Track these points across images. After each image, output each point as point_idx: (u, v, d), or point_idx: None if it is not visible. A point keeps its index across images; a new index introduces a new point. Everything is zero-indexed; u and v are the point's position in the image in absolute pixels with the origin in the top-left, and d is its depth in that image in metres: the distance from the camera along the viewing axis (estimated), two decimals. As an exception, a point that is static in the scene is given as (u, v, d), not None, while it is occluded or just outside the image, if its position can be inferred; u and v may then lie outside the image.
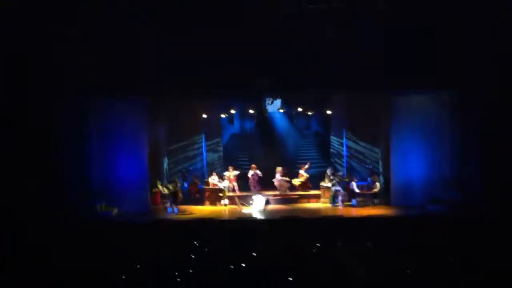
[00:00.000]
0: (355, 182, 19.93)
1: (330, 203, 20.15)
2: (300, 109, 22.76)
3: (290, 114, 23.78)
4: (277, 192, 21.31)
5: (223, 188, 20.48)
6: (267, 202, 19.75)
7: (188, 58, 17.19)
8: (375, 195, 19.56)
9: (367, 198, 19.90)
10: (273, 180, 21.55)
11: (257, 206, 19.42)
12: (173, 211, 19.19)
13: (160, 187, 19.91)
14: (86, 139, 18.82)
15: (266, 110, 22.89)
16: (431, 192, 19.24)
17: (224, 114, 23.27)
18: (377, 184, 19.52)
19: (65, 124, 18.06)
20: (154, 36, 17.05)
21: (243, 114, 23.72)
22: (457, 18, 16.46)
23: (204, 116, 22.87)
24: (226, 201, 20.33)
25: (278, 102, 22.58)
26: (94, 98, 18.55)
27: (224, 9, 16.30)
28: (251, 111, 22.69)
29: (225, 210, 19.80)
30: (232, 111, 22.99)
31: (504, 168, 16.26)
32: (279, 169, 21.64)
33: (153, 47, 17.13)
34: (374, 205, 19.39)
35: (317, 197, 20.97)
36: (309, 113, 23.21)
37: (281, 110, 22.97)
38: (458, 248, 13.50)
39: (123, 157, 19.43)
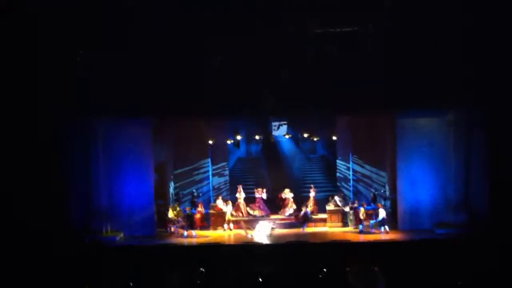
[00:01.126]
0: (364, 207, 19.66)
1: (353, 225, 19.83)
2: (306, 135, 22.76)
3: (296, 139, 23.78)
4: (283, 216, 21.12)
5: (226, 211, 20.26)
6: (271, 228, 19.57)
7: (196, 82, 17.37)
8: (382, 223, 18.99)
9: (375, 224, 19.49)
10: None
11: (262, 232, 19.28)
12: (191, 235, 19.05)
13: (172, 211, 19.85)
14: (92, 162, 18.93)
15: (272, 135, 22.97)
16: (438, 216, 19.08)
17: (230, 141, 23.30)
18: (381, 211, 19.03)
19: (72, 146, 18.21)
20: (161, 60, 17.23)
21: (249, 139, 23.74)
22: (463, 39, 16.55)
23: (210, 142, 22.93)
24: (231, 225, 20.17)
25: (284, 128, 22.61)
26: (101, 121, 18.72)
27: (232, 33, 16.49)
28: (257, 137, 22.73)
29: (230, 235, 19.63)
30: (238, 137, 23.03)
31: (510, 191, 16.15)
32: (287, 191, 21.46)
33: (161, 70, 17.28)
34: (385, 232, 18.93)
35: (323, 221, 20.78)
36: (315, 139, 23.20)
37: (287, 136, 22.99)
38: (466, 271, 13.38)
39: (129, 180, 19.48)
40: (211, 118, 21.59)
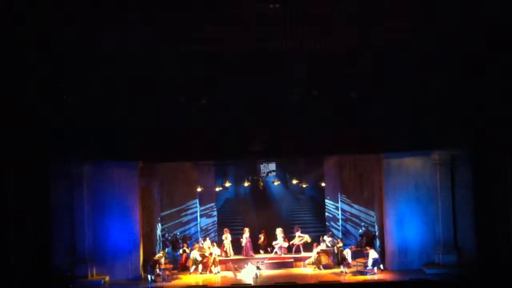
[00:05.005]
0: (352, 250, 19.48)
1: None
2: (294, 182, 22.88)
3: (285, 182, 23.84)
4: (271, 255, 20.91)
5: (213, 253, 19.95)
6: (258, 268, 19.32)
7: (181, 126, 17.44)
8: (375, 264, 18.65)
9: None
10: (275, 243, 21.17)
11: (248, 274, 19.03)
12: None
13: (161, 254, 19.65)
14: (76, 206, 18.77)
15: (261, 182, 23.14)
16: (427, 256, 18.98)
17: (218, 188, 23.30)
18: (371, 252, 18.75)
19: (56, 189, 18.06)
20: (147, 106, 17.28)
21: (237, 182, 23.73)
22: (447, 80, 16.77)
23: (199, 190, 22.87)
24: (219, 267, 19.87)
25: (272, 175, 22.98)
26: (85, 164, 18.64)
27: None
28: (246, 184, 22.80)
29: (217, 278, 19.33)
30: (227, 185, 23.08)
31: (497, 230, 16.14)
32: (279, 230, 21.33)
33: (146, 116, 17.32)
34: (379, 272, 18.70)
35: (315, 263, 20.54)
36: (304, 185, 23.28)
37: (276, 183, 23.17)
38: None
39: (114, 223, 19.27)
40: (197, 161, 21.79)
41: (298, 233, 21.21)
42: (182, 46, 15.08)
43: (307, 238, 20.99)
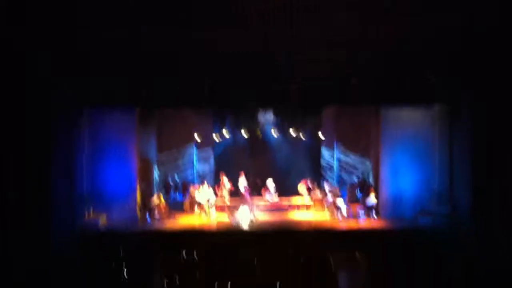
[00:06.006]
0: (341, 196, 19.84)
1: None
2: (292, 132, 22.92)
3: (282, 130, 23.86)
4: (267, 201, 21.22)
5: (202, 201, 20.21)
6: (252, 213, 19.61)
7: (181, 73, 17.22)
8: (371, 209, 19.18)
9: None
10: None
11: (242, 218, 19.32)
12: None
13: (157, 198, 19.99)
14: (75, 146, 18.80)
15: (260, 132, 23.19)
16: (421, 205, 19.24)
17: (216, 136, 23.30)
18: (372, 196, 19.11)
19: (55, 131, 18.00)
20: (146, 48, 16.98)
21: (235, 129, 23.73)
22: (447, 29, 16.52)
23: (197, 137, 22.93)
24: (214, 211, 20.17)
25: (269, 126, 23.04)
26: (84, 108, 18.57)
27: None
28: (243, 133, 22.86)
29: (213, 221, 19.63)
30: (225, 133, 23.08)
31: (493, 182, 16.30)
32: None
33: (146, 59, 17.04)
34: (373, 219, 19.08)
35: (307, 207, 20.90)
36: (302, 135, 23.30)
37: (274, 133, 23.21)
38: (447, 260, 13.57)
39: (112, 166, 19.45)
40: (196, 109, 21.73)
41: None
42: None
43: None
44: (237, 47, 15.45)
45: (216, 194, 20.89)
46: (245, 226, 18.78)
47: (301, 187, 21.55)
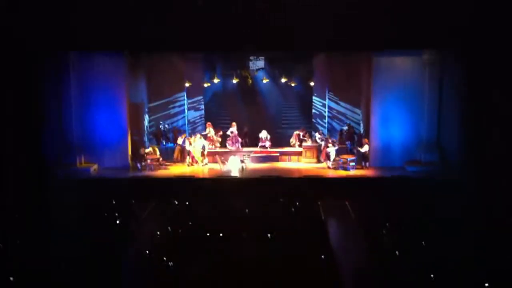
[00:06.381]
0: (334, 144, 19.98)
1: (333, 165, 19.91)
2: (283, 80, 22.73)
3: (273, 77, 23.69)
4: (256, 149, 21.32)
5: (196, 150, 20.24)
6: (242, 162, 19.75)
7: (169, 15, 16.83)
8: (365, 157, 19.50)
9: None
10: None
11: (232, 166, 19.47)
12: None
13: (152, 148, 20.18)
14: (64, 95, 18.66)
15: (250, 79, 23.02)
16: (409, 154, 19.49)
17: (207, 83, 23.06)
18: (366, 146, 19.33)
19: (43, 79, 17.78)
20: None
21: (225, 76, 23.53)
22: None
23: (187, 85, 22.70)
24: (206, 159, 20.28)
25: (261, 73, 22.80)
26: (72, 53, 18.33)
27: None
28: (234, 81, 22.67)
29: (204, 169, 19.77)
30: (215, 80, 22.84)
31: (481, 131, 16.44)
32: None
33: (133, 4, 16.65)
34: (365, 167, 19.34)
35: (298, 154, 21.04)
36: (292, 84, 23.14)
37: (265, 81, 23.02)
38: (434, 208, 13.81)
39: (102, 113, 19.38)
40: (184, 52, 21.44)
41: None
42: None
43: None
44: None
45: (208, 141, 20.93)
46: (235, 174, 18.95)
47: (293, 140, 21.58)
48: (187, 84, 22.69)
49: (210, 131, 21.42)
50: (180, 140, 20.67)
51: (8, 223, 13.00)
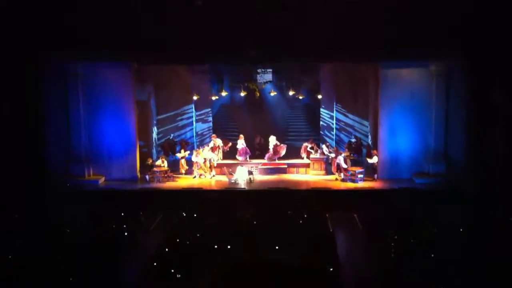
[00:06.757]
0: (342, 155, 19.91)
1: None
2: (291, 93, 22.77)
3: (280, 89, 23.72)
4: (264, 161, 21.31)
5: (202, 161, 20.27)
6: (250, 173, 19.74)
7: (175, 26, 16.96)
8: (374, 169, 19.44)
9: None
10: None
11: (240, 177, 19.45)
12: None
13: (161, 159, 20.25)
14: (72, 104, 18.77)
15: (258, 92, 23.06)
16: (417, 166, 19.41)
17: (214, 96, 23.12)
18: (375, 157, 19.25)
19: (50, 89, 17.95)
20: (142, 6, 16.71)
21: (233, 88, 23.57)
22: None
23: (195, 97, 22.78)
24: (214, 171, 20.30)
25: (268, 86, 22.87)
26: (79, 63, 18.47)
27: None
28: (242, 94, 22.72)
29: (212, 181, 19.76)
30: (223, 93, 22.90)
31: (488, 141, 16.41)
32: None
33: (138, 12, 16.76)
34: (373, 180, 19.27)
35: (306, 166, 21.00)
36: (300, 97, 23.14)
37: (272, 94, 23.03)
38: (442, 220, 13.74)
39: (110, 124, 19.42)
40: (191, 64, 21.62)
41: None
42: None
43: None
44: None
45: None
46: (243, 185, 18.95)
47: (303, 153, 21.53)
48: (195, 97, 22.79)
49: (216, 141, 21.47)
50: (183, 153, 20.68)
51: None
